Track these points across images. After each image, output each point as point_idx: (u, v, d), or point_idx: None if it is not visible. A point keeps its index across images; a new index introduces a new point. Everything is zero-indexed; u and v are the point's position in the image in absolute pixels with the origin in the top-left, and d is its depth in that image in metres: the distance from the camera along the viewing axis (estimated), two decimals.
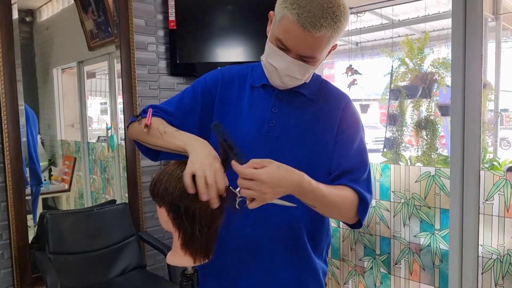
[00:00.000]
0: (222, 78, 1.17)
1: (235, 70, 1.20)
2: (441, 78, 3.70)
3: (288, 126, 1.11)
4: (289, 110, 1.12)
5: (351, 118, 1.15)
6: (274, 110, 1.11)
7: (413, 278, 2.28)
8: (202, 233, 1.01)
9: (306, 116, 1.12)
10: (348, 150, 1.12)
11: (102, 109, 2.92)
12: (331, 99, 1.16)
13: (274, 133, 1.10)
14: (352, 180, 1.09)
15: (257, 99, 1.14)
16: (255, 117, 1.11)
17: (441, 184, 2.14)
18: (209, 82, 1.17)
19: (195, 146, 0.99)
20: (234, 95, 1.15)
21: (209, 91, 1.16)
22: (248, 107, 1.13)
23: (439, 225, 2.16)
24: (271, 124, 1.11)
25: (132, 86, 2.51)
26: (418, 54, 3.79)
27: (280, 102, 1.12)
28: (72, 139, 2.79)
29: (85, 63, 2.78)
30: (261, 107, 1.13)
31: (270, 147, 1.09)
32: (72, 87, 2.78)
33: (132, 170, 2.58)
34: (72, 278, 2.16)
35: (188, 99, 1.16)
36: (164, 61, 2.69)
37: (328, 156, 1.12)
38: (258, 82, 1.14)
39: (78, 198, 2.82)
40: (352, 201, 1.07)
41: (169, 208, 1.01)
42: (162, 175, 1.03)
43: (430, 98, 3.76)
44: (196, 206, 0.99)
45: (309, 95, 1.14)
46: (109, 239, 2.36)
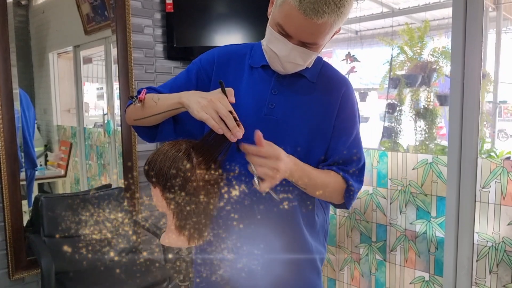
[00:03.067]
0: (218, 57, 1.14)
1: (232, 49, 1.17)
2: (439, 68, 3.68)
3: (288, 109, 1.09)
4: (290, 93, 1.10)
5: (350, 107, 1.14)
6: (274, 92, 1.09)
7: (408, 265, 2.28)
8: (197, 213, 1.00)
9: (306, 100, 1.10)
10: (345, 142, 1.12)
11: (99, 94, 2.88)
12: (332, 84, 1.13)
13: (273, 116, 1.08)
14: (343, 170, 1.11)
15: (257, 80, 1.11)
16: (254, 98, 1.09)
17: (438, 172, 2.13)
18: (204, 63, 1.14)
19: (189, 94, 0.99)
20: (231, 74, 1.12)
21: (204, 71, 1.14)
22: (246, 88, 1.10)
23: (435, 212, 2.16)
24: (270, 106, 1.08)
25: (128, 70, 2.48)
26: (418, 43, 3.76)
27: (280, 84, 1.10)
28: (68, 124, 2.77)
29: (82, 47, 2.75)
30: (261, 88, 1.10)
31: (269, 130, 1.06)
32: (68, 72, 2.75)
33: (128, 155, 2.56)
34: (67, 262, 2.15)
35: (182, 80, 1.14)
36: (161, 44, 2.66)
37: (324, 143, 1.12)
38: (258, 62, 1.11)
39: (74, 183, 2.82)
40: (339, 186, 1.10)
41: (164, 188, 1.00)
42: (156, 155, 1.02)
43: (429, 87, 3.74)
44: (191, 186, 0.98)
45: (311, 77, 1.11)
46: (104, 223, 2.34)
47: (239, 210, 1.09)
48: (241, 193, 1.06)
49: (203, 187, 0.99)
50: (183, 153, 0.99)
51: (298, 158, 1.06)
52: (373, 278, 2.42)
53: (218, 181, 1.01)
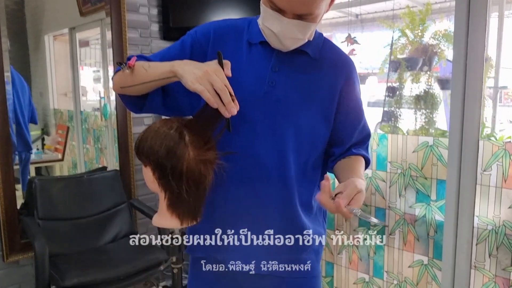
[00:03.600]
0: (214, 32, 1.08)
1: (229, 23, 1.11)
2: (440, 51, 3.62)
3: (289, 88, 1.04)
4: (291, 70, 1.04)
5: (354, 83, 1.10)
6: (275, 70, 1.03)
7: (407, 248, 2.25)
8: (190, 193, 0.96)
9: (308, 78, 1.05)
10: (356, 126, 1.12)
11: (95, 77, 2.86)
12: (335, 61, 1.09)
13: (274, 94, 1.03)
14: (360, 148, 1.13)
15: (256, 56, 1.05)
16: (254, 76, 1.04)
17: (439, 155, 2.09)
18: (200, 36, 1.08)
19: (183, 63, 0.93)
20: (230, 50, 1.05)
21: (199, 44, 1.07)
22: (246, 65, 1.05)
23: (435, 196, 2.12)
24: (270, 84, 1.03)
25: (123, 50, 2.43)
26: (420, 26, 3.69)
27: (281, 61, 1.04)
28: (65, 108, 2.74)
29: (77, 29, 2.70)
30: (260, 65, 1.04)
31: (269, 110, 1.03)
32: (64, 55, 2.71)
33: (124, 137, 2.53)
34: (61, 244, 2.14)
35: (176, 51, 1.08)
36: (156, 24, 2.61)
37: (328, 124, 1.08)
38: (256, 38, 1.05)
39: (72, 167, 2.80)
40: (364, 165, 1.13)
41: (155, 167, 0.96)
42: (147, 132, 0.98)
43: (430, 71, 3.69)
44: (184, 164, 0.94)
45: (313, 54, 1.06)
46: (100, 206, 2.33)
47: (233, 191, 1.06)
48: (236, 173, 1.03)
49: (196, 166, 0.95)
50: (175, 130, 0.95)
51: (302, 137, 1.03)
52: (371, 261, 2.40)
53: (212, 160, 0.97)
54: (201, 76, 0.87)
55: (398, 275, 2.30)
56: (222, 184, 1.02)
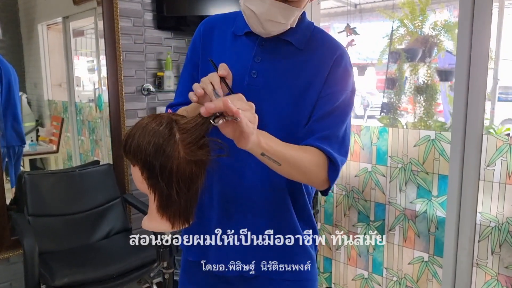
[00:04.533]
0: (203, 29, 1.08)
1: (217, 18, 1.10)
2: (440, 42, 3.56)
3: (271, 77, 0.99)
4: (273, 60, 1.00)
5: (341, 73, 1.01)
6: (257, 60, 1.00)
7: (407, 245, 2.22)
8: (180, 195, 0.90)
9: (291, 66, 1.00)
10: (327, 108, 0.99)
11: (90, 68, 2.81)
12: (323, 50, 1.02)
13: (256, 85, 0.99)
14: (322, 138, 0.96)
15: (240, 48, 1.02)
16: (237, 68, 0.98)
17: (441, 149, 2.04)
18: (191, 50, 1.09)
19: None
20: (215, 44, 1.05)
21: (196, 57, 1.07)
22: (229, 57, 1.01)
23: (437, 191, 2.08)
24: (253, 75, 0.99)
25: (116, 40, 2.35)
26: (420, 16, 3.63)
27: (263, 50, 1.00)
28: (59, 99, 2.70)
29: (71, 18, 2.64)
30: (244, 57, 1.01)
31: (252, 100, 0.95)
32: (58, 45, 2.67)
33: (117, 129, 2.46)
34: (52, 241, 2.08)
35: (188, 81, 1.08)
36: (150, 13, 2.53)
37: (310, 113, 1.01)
38: (241, 30, 1.02)
39: (67, 159, 2.75)
40: (319, 163, 0.95)
41: (143, 166, 0.89)
42: (134, 129, 0.90)
43: (430, 62, 3.63)
44: (174, 164, 0.87)
45: (298, 44, 1.00)
46: (92, 201, 2.26)
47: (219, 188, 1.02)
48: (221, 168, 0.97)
49: (187, 166, 0.88)
50: (164, 126, 0.88)
51: (285, 128, 0.97)
52: (371, 258, 2.36)
53: (204, 159, 0.90)
54: (194, 85, 0.89)
55: (397, 272, 2.26)
56: (210, 183, 0.97)
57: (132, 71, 2.49)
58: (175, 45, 2.66)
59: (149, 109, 2.59)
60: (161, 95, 2.64)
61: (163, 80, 2.56)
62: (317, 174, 0.96)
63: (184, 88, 1.09)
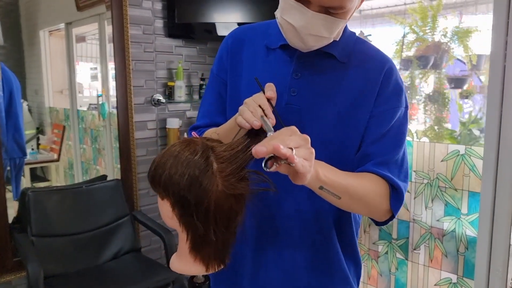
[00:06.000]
0: (230, 45, 0.99)
1: (245, 29, 1.00)
2: (450, 49, 3.48)
3: (313, 96, 0.89)
4: (315, 76, 0.90)
5: (393, 88, 0.90)
6: (296, 76, 0.89)
7: (434, 265, 2.11)
8: (218, 234, 0.78)
9: (334, 83, 0.89)
10: (382, 129, 0.89)
11: (93, 75, 2.74)
12: (369, 63, 0.91)
13: (296, 104, 0.89)
14: (380, 163, 0.87)
15: (274, 63, 0.92)
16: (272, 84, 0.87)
17: (471, 165, 1.94)
18: (218, 66, 1.01)
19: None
20: (245, 60, 0.96)
21: (224, 73, 0.99)
22: (262, 73, 0.90)
23: (467, 209, 1.98)
24: (292, 93, 0.89)
25: (125, 48, 2.25)
26: (430, 22, 3.56)
27: (303, 65, 0.90)
28: (61, 106, 2.63)
29: (74, 24, 2.58)
30: (280, 72, 0.91)
31: (291, 122, 0.84)
32: (60, 51, 2.59)
33: (125, 142, 2.35)
34: (58, 263, 1.96)
35: (214, 100, 1.01)
36: (161, 20, 2.43)
37: (361, 136, 0.90)
38: (276, 42, 0.92)
39: (68, 168, 2.67)
40: (381, 191, 0.86)
41: (175, 201, 0.77)
42: (165, 157, 0.78)
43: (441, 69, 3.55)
44: (211, 199, 0.75)
45: (341, 57, 0.89)
46: (100, 220, 2.15)
47: (261, 224, 0.92)
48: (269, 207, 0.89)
49: (226, 201, 0.76)
50: (200, 155, 0.76)
51: (332, 154, 0.86)
52: (393, 277, 2.25)
53: (244, 193, 0.78)
54: (241, 108, 0.79)
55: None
56: (253, 218, 0.88)
57: (142, 81, 2.40)
58: (186, 54, 2.57)
59: (159, 120, 2.49)
60: (172, 106, 2.54)
61: (173, 90, 2.46)
62: (380, 205, 0.87)
63: (211, 108, 1.01)
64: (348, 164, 0.89)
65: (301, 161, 0.67)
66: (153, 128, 2.46)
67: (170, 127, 2.44)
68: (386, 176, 0.86)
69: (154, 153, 2.47)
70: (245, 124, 0.76)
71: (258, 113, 0.77)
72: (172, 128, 2.43)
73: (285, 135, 0.70)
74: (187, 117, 2.61)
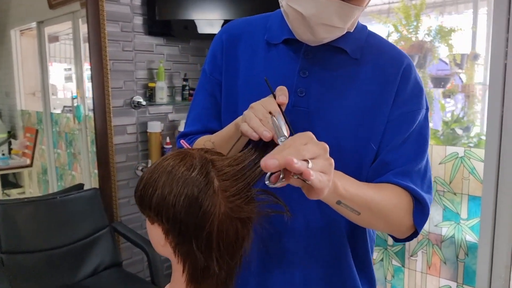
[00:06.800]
0: (225, 42, 0.89)
1: (240, 24, 0.91)
2: (434, 48, 3.48)
3: (323, 96, 0.81)
4: (325, 74, 0.81)
5: (412, 88, 0.82)
6: (303, 74, 0.81)
7: (432, 272, 2.04)
8: (221, 264, 0.65)
9: (347, 81, 0.81)
10: (402, 134, 0.80)
11: (67, 76, 2.65)
12: (384, 59, 0.82)
13: (304, 107, 0.80)
14: (401, 173, 0.79)
15: (277, 60, 0.84)
16: (276, 85, 0.77)
17: (471, 167, 1.88)
18: (211, 65, 0.91)
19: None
20: (242, 57, 0.87)
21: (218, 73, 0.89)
22: (263, 71, 0.83)
23: (466, 214, 1.91)
24: (299, 94, 0.80)
25: (102, 47, 2.12)
26: (414, 21, 3.55)
27: (311, 62, 0.81)
28: (33, 109, 2.58)
29: (46, 23, 2.50)
30: (284, 70, 0.82)
31: (300, 126, 0.76)
32: (32, 51, 2.54)
33: (103, 148, 2.22)
34: (31, 283, 1.83)
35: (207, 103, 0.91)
36: (140, 17, 2.31)
37: (376, 143, 0.82)
38: (278, 36, 0.83)
39: (42, 174, 2.63)
40: (404, 205, 0.78)
41: (170, 227, 0.65)
42: (156, 173, 0.66)
43: (425, 68, 3.54)
44: (213, 223, 0.63)
45: (353, 52, 0.81)
46: (77, 233, 2.01)
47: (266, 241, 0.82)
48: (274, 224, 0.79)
49: (230, 225, 0.64)
50: (198, 171, 0.64)
51: (345, 162, 0.77)
52: (389, 286, 2.19)
53: (251, 216, 0.66)
54: (246, 113, 0.70)
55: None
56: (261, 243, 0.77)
57: (120, 82, 2.26)
58: (168, 53, 2.45)
59: (139, 124, 2.36)
60: (153, 109, 2.42)
61: (154, 92, 2.34)
62: (403, 220, 0.78)
63: (203, 112, 0.92)
64: (363, 173, 0.80)
65: (318, 176, 0.56)
66: (133, 132, 2.34)
67: (151, 131, 2.32)
68: (409, 188, 0.77)
69: (135, 159, 2.33)
70: (252, 133, 0.66)
71: (268, 121, 0.66)
72: (154, 132, 2.32)
73: (299, 143, 0.59)
74: (169, 120, 2.49)
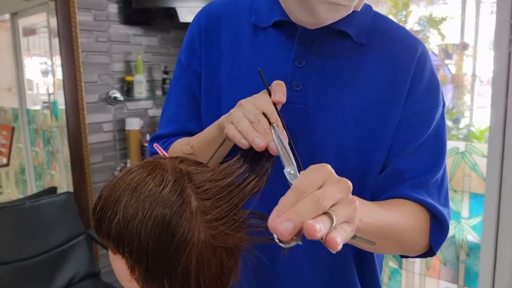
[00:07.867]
0: (204, 26, 0.77)
1: (220, 5, 0.79)
2: (425, 37, 3.45)
3: (323, 90, 0.70)
4: (325, 63, 0.70)
5: (428, 81, 0.71)
6: (299, 64, 0.70)
7: (431, 274, 1.98)
8: None
9: (353, 73, 0.70)
10: (417, 137, 0.71)
11: (43, 70, 2.57)
12: (394, 46, 0.71)
13: (300, 102, 0.69)
14: (417, 185, 0.69)
15: (267, 46, 0.72)
16: (267, 78, 0.65)
17: (473, 163, 1.81)
18: (188, 54, 0.79)
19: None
20: (225, 44, 0.76)
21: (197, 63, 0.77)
22: (250, 61, 0.72)
23: (468, 212, 1.85)
24: (295, 87, 0.69)
25: (73, 38, 2.00)
26: (403, 10, 3.51)
27: (308, 49, 0.70)
28: (9, 105, 2.54)
29: (20, 15, 2.41)
30: (276, 59, 0.71)
31: (296, 125, 0.69)
32: (7, 45, 2.46)
33: (77, 149, 2.09)
34: None
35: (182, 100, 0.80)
36: (115, 4, 2.19)
37: (383, 146, 0.72)
38: (267, 18, 0.72)
39: (19, 173, 2.57)
40: (421, 224, 0.69)
41: (135, 261, 0.51)
42: (116, 191, 0.53)
43: None
44: (191, 255, 0.50)
45: (357, 36, 0.70)
46: (49, 241, 1.88)
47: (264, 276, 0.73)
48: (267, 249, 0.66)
49: (213, 257, 0.51)
50: (170, 188, 0.51)
51: (348, 165, 0.70)
52: None
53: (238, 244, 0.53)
54: (233, 112, 0.58)
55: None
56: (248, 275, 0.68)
57: (95, 76, 2.14)
58: (147, 44, 2.34)
59: (116, 121, 2.24)
60: (131, 104, 2.30)
61: (132, 86, 2.22)
62: (419, 242, 0.69)
63: (179, 110, 0.80)
64: (369, 181, 0.70)
65: (343, 234, 0.44)
66: (110, 130, 2.22)
67: (129, 128, 2.21)
68: (427, 204, 0.68)
69: (112, 159, 2.21)
70: (241, 140, 0.54)
71: (262, 125, 0.53)
72: (133, 129, 2.21)
73: (315, 184, 0.44)
74: (149, 117, 2.38)
